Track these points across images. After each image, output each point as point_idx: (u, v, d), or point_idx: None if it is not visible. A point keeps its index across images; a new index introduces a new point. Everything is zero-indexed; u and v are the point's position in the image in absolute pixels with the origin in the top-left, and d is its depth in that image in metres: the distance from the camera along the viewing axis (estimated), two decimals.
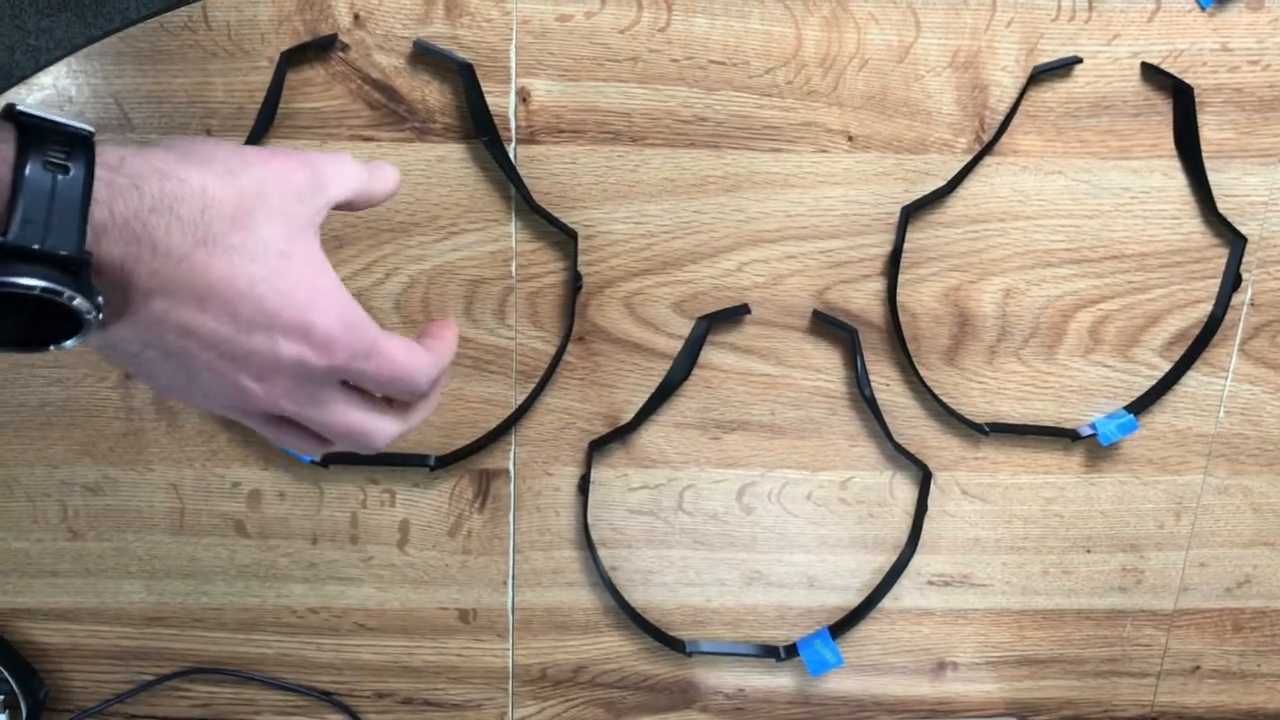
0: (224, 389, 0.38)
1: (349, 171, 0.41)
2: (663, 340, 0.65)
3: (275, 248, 0.37)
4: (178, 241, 0.34)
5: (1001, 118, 0.62)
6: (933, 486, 0.69)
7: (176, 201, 0.34)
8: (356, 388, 0.42)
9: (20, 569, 0.67)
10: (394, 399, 0.44)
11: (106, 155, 0.34)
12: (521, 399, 0.65)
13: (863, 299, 0.65)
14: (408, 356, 0.41)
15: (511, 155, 0.61)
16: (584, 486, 0.67)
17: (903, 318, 0.65)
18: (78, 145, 0.33)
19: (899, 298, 0.65)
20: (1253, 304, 0.67)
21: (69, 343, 0.34)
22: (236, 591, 0.69)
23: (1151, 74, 0.62)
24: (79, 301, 0.33)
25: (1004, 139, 0.62)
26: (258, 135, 0.58)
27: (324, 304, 0.38)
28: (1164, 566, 0.72)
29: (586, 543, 0.68)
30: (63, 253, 0.32)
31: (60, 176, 0.32)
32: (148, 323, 0.36)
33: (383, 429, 0.42)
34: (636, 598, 0.70)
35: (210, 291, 0.35)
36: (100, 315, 0.34)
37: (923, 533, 0.69)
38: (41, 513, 0.66)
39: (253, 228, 0.36)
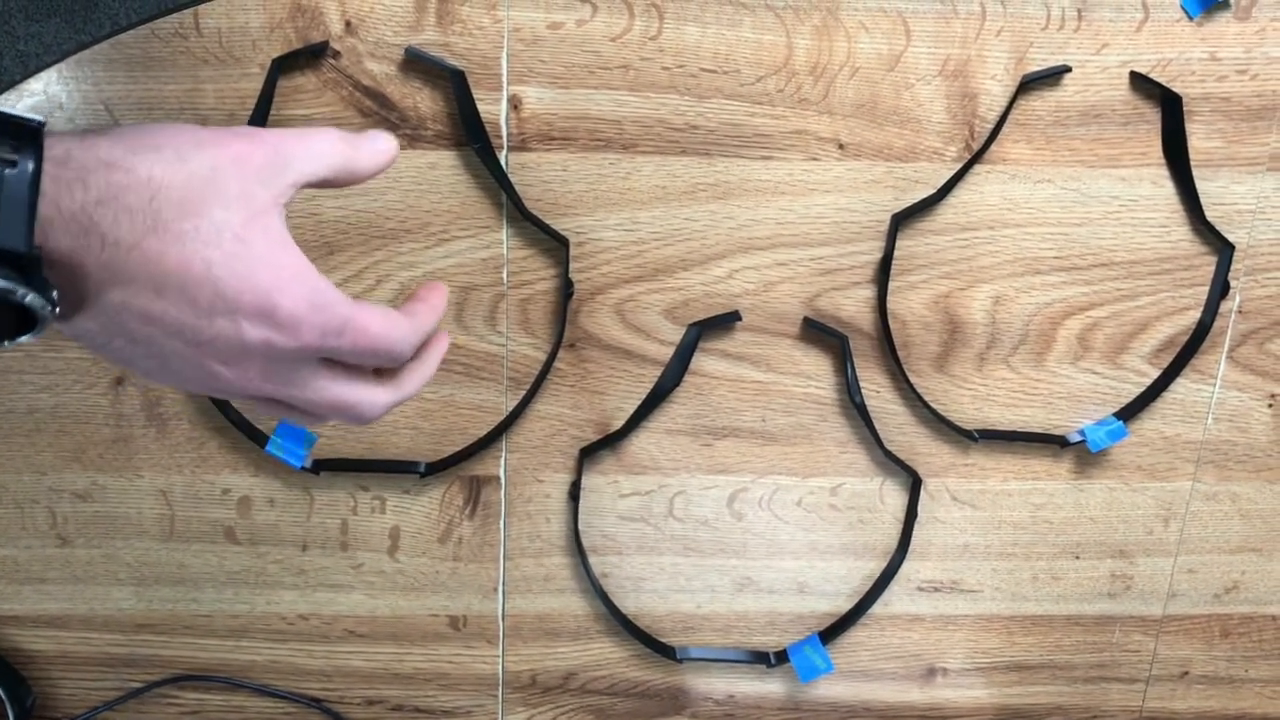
0: (197, 375, 0.38)
1: (320, 148, 0.39)
2: (654, 347, 0.65)
3: (231, 231, 0.36)
4: (126, 231, 0.34)
5: (991, 126, 0.62)
6: (923, 493, 0.69)
7: (123, 192, 0.34)
8: (339, 362, 0.40)
9: (8, 576, 0.67)
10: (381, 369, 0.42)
11: (52, 149, 0.33)
12: (512, 406, 0.65)
13: (853, 306, 0.65)
14: (384, 327, 0.39)
15: (503, 162, 0.61)
16: (575, 493, 0.67)
17: (893, 325, 0.65)
18: (25, 139, 0.33)
19: (889, 305, 0.65)
20: (1241, 311, 0.67)
21: (24, 338, 0.34)
22: (226, 598, 0.68)
23: (1140, 83, 0.62)
24: (31, 298, 0.32)
25: (993, 147, 0.62)
26: None
27: (288, 285, 0.37)
28: (1153, 572, 0.72)
29: (577, 549, 0.68)
30: (12, 250, 0.32)
31: (7, 171, 0.32)
32: (108, 313, 0.35)
33: (371, 400, 0.41)
34: (627, 604, 0.70)
35: (165, 279, 0.35)
36: (55, 310, 0.33)
37: (913, 539, 0.70)
38: (30, 519, 0.66)
39: (205, 212, 0.35)
